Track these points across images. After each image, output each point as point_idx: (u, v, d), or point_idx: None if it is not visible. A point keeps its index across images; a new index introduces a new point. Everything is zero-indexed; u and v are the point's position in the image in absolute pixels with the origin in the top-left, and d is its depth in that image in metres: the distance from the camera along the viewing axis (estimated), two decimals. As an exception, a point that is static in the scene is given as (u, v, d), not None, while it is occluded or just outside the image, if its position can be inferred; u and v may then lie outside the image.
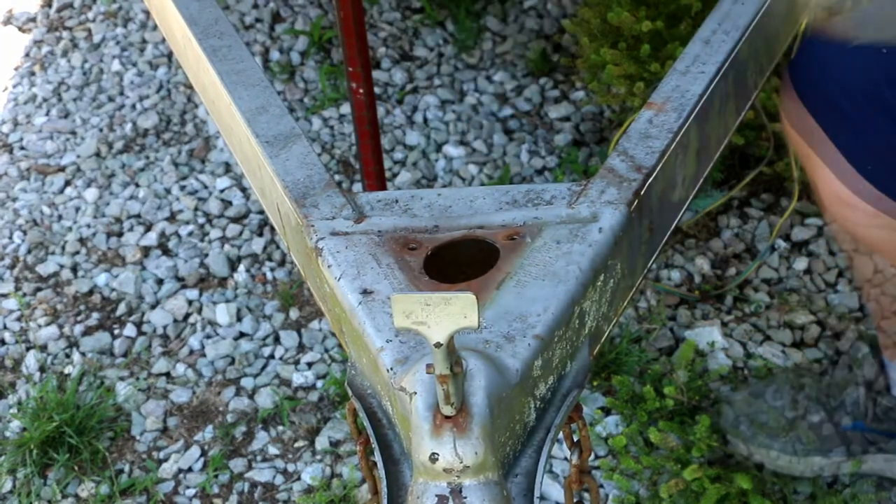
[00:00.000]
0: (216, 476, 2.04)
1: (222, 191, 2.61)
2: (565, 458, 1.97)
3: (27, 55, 3.12)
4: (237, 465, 2.06)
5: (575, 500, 1.12)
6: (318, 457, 2.06)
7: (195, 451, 2.08)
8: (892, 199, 1.53)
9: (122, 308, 2.35)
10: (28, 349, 2.29)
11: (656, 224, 1.23)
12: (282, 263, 2.42)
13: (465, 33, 2.94)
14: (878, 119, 1.50)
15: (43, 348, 2.29)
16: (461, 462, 0.92)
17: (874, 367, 1.87)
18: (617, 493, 1.92)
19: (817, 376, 1.95)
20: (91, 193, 2.63)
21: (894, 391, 1.86)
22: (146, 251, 2.48)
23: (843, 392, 1.89)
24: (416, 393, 0.94)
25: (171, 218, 2.56)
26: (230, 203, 2.58)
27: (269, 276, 2.39)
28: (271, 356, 2.23)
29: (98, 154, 2.75)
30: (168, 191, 2.62)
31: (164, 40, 3.02)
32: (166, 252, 2.48)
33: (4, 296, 2.41)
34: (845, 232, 1.69)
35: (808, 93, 1.58)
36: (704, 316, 2.22)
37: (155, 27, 3.07)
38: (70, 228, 2.56)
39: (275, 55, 2.96)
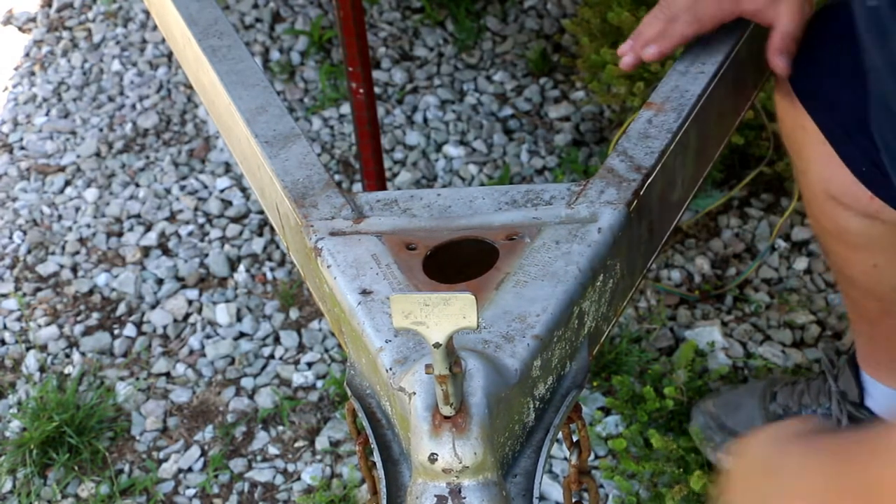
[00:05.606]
0: (216, 476, 2.04)
1: (222, 191, 2.61)
2: (565, 458, 1.97)
3: (27, 55, 3.12)
4: (237, 465, 2.06)
5: (574, 501, 1.12)
6: (318, 457, 2.06)
7: (195, 451, 2.08)
8: (885, 202, 1.44)
9: (122, 308, 2.35)
10: (28, 349, 2.29)
11: (656, 224, 1.23)
12: (282, 263, 2.42)
13: (465, 33, 2.94)
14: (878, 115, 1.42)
15: (43, 348, 2.29)
16: (460, 462, 0.92)
17: (850, 377, 1.82)
18: (617, 493, 1.92)
19: (790, 385, 1.92)
20: (91, 193, 2.63)
21: (868, 403, 1.82)
22: (146, 251, 2.48)
23: (816, 402, 1.87)
24: (415, 393, 0.94)
25: (171, 218, 2.56)
26: (230, 203, 2.57)
27: (269, 276, 2.39)
28: (271, 356, 2.23)
29: (98, 154, 2.75)
30: (168, 191, 2.62)
31: (164, 40, 3.02)
32: (166, 252, 2.47)
33: (4, 296, 2.41)
34: (829, 235, 1.60)
35: (799, 72, 1.45)
36: (704, 316, 2.22)
37: (155, 27, 3.07)
38: (70, 228, 2.56)
39: (275, 55, 2.96)
